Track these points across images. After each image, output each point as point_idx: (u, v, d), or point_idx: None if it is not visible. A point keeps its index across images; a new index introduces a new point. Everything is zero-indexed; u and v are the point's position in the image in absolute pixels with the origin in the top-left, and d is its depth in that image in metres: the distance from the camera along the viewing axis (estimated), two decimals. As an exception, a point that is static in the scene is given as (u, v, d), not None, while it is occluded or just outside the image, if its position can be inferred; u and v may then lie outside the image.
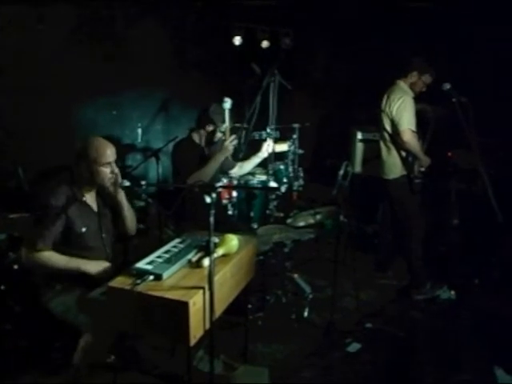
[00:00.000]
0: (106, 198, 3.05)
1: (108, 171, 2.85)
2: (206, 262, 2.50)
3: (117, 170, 2.89)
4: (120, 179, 2.90)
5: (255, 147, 4.34)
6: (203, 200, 2.30)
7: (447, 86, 3.91)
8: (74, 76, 4.76)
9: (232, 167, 4.30)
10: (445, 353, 3.52)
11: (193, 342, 2.30)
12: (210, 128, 3.97)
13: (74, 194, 2.84)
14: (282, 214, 4.35)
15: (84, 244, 2.88)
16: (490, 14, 5.07)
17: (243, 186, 4.22)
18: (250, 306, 3.63)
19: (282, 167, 4.39)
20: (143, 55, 5.51)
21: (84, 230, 2.86)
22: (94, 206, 3.00)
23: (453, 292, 4.32)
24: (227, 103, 3.86)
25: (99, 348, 2.65)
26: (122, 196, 2.99)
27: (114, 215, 3.10)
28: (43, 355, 3.04)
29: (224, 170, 4.17)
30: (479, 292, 4.37)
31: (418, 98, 4.29)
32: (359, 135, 5.78)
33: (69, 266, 2.77)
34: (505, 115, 4.91)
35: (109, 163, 2.84)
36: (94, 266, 2.80)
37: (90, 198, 2.98)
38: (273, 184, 4.15)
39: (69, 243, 2.82)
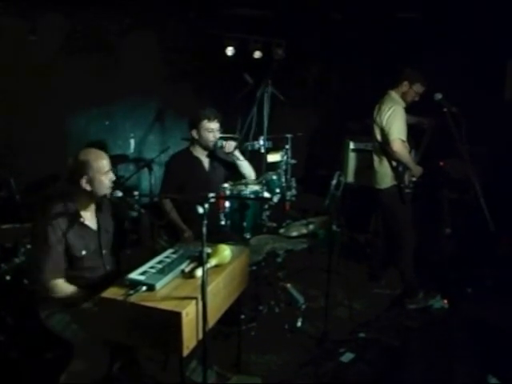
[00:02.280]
0: (108, 211, 3.01)
1: (108, 180, 2.80)
2: (199, 272, 2.49)
3: (114, 178, 2.84)
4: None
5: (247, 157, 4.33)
6: (196, 210, 2.30)
7: (439, 96, 3.92)
8: (66, 86, 4.78)
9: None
10: (438, 362, 3.52)
11: (186, 352, 2.29)
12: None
13: (70, 216, 2.74)
14: (274, 224, 4.33)
15: (84, 265, 2.81)
16: (477, 23, 5.12)
17: (236, 196, 4.20)
18: (242, 317, 3.62)
19: (274, 177, 4.37)
20: (136, 66, 5.53)
21: (84, 252, 2.79)
22: (93, 224, 2.91)
23: (446, 301, 4.33)
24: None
25: (93, 369, 2.57)
26: None
27: (116, 228, 3.06)
28: (35, 368, 3.01)
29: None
30: (472, 301, 4.37)
31: (410, 108, 4.32)
32: (352, 145, 5.81)
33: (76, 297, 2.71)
34: (494, 123, 4.95)
35: (108, 171, 2.80)
36: None
37: (89, 216, 2.89)
38: (265, 194, 4.14)
39: (69, 265, 2.75)
